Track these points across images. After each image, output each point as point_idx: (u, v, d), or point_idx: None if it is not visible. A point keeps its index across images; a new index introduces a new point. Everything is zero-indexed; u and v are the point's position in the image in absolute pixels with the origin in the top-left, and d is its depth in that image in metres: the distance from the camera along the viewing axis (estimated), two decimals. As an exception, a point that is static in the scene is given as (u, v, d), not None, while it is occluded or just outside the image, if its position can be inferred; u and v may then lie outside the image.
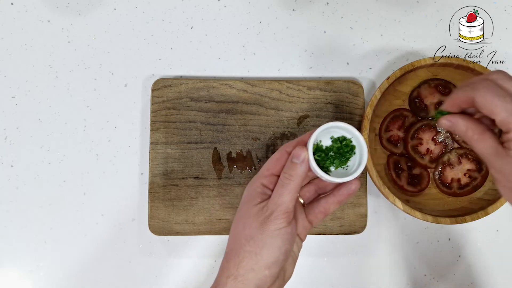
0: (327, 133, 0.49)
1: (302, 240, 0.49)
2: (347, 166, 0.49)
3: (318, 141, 0.49)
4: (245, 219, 0.45)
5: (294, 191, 0.44)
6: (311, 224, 0.49)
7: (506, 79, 0.40)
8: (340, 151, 0.49)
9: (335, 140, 0.50)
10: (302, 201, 0.50)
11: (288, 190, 0.44)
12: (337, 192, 0.48)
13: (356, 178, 0.47)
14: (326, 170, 0.49)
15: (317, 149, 0.49)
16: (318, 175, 0.47)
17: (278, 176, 0.46)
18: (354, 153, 0.49)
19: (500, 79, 0.40)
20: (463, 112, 0.43)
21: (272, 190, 0.46)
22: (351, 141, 0.49)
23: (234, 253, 0.44)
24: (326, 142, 0.50)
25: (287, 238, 0.44)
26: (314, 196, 0.51)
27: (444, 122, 0.43)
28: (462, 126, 0.42)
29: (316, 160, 0.48)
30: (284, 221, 0.44)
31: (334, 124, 0.48)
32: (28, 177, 0.61)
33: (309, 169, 0.46)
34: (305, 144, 0.47)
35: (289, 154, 0.47)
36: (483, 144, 0.41)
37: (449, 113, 0.43)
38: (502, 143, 0.40)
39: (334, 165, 0.49)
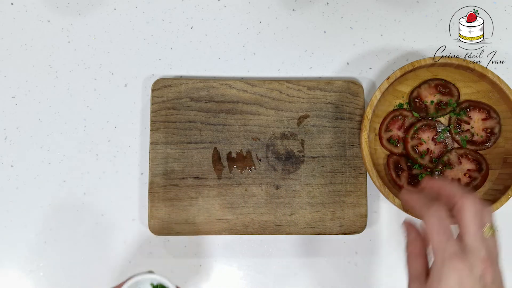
0: (148, 279, 0.51)
1: None
2: None
3: None
4: None
5: None
6: None
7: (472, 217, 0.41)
8: None
9: (155, 287, 0.52)
10: None
11: None
12: None
13: None
14: None
15: None
16: None
17: None
18: None
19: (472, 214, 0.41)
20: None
21: None
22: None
23: None
24: None
25: None
26: None
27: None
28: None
29: None
30: None
31: (143, 277, 0.49)
32: (28, 177, 0.61)
33: None
34: None
35: None
36: (413, 266, 0.42)
37: None
38: (427, 273, 0.41)
39: None
